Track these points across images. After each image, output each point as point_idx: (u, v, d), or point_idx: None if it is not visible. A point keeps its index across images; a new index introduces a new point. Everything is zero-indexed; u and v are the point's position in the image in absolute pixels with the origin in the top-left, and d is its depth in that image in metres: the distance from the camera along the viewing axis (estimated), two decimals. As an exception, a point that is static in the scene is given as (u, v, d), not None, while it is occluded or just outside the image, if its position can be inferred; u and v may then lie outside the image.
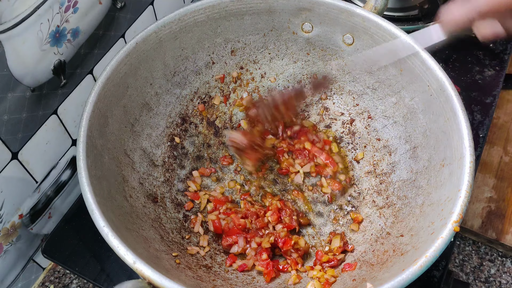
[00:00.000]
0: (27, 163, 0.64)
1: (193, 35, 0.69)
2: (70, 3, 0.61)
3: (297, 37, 0.72)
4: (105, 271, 0.66)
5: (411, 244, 0.53)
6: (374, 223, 0.64)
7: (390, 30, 0.63)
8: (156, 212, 0.63)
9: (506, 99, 0.95)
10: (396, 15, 0.93)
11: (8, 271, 0.68)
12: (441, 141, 0.58)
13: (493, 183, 0.84)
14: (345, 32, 0.68)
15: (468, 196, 0.50)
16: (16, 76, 0.57)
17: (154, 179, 0.67)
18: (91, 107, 0.57)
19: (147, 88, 0.67)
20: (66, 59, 0.65)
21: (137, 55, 0.64)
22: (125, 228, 0.54)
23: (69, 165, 0.74)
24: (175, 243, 0.61)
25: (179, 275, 0.54)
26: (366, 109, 0.72)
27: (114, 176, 0.60)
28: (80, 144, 0.54)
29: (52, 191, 0.72)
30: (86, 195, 0.50)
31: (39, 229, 0.72)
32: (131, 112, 0.65)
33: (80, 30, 0.65)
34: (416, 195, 0.60)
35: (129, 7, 0.74)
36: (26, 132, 0.62)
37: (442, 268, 0.65)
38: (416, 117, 0.64)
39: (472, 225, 0.80)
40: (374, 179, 0.68)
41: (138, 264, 0.46)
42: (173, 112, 0.72)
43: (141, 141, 0.67)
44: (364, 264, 0.58)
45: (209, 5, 0.67)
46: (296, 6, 0.68)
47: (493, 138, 0.90)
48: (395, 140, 0.68)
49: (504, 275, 0.77)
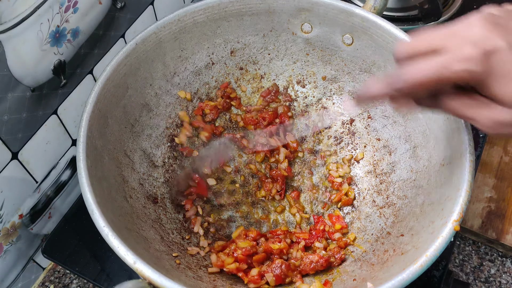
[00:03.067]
0: (27, 163, 0.64)
1: (193, 35, 0.69)
2: (70, 3, 0.61)
3: (297, 37, 0.72)
4: (105, 271, 0.66)
5: (411, 244, 0.53)
6: (374, 223, 0.64)
7: (390, 30, 0.63)
8: (156, 212, 0.63)
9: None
10: (395, 15, 0.93)
11: (8, 271, 0.68)
12: (441, 141, 0.59)
13: (493, 183, 0.84)
14: (344, 33, 0.68)
15: (468, 196, 0.50)
16: (16, 76, 0.57)
17: (154, 180, 0.67)
18: (91, 107, 0.57)
19: (147, 88, 0.67)
20: (66, 59, 0.65)
21: (137, 55, 0.64)
22: (125, 229, 0.54)
23: (69, 165, 0.74)
24: (175, 244, 0.61)
25: (179, 275, 0.54)
26: (366, 109, 0.72)
27: (114, 176, 0.60)
28: (80, 144, 0.54)
29: (52, 191, 0.72)
30: (86, 196, 0.50)
31: (39, 229, 0.72)
32: (131, 113, 0.65)
33: (80, 30, 0.65)
34: (416, 195, 0.60)
35: (129, 7, 0.74)
36: (26, 132, 0.62)
37: (442, 268, 0.65)
38: (416, 117, 0.64)
39: (472, 225, 0.80)
40: (374, 179, 0.69)
41: (139, 264, 0.46)
42: (173, 113, 0.72)
43: (141, 141, 0.67)
44: (365, 264, 0.58)
45: (209, 6, 0.68)
46: (295, 6, 0.68)
47: (493, 138, 0.90)
48: (395, 140, 0.68)
49: (504, 275, 0.77)
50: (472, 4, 0.96)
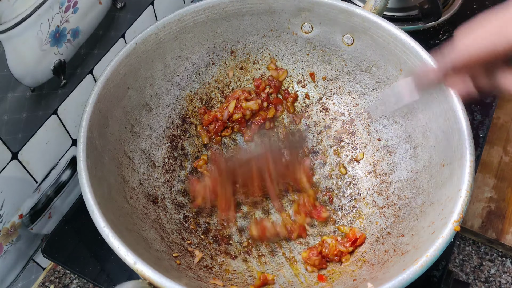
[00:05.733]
0: (27, 163, 0.64)
1: (193, 35, 0.69)
2: (70, 3, 0.61)
3: (297, 37, 0.72)
4: (105, 271, 0.66)
5: (411, 244, 0.53)
6: (375, 223, 0.64)
7: (390, 30, 0.63)
8: (156, 213, 0.63)
9: (506, 99, 0.95)
10: (396, 15, 0.93)
11: (8, 271, 0.68)
12: (441, 141, 0.59)
13: (493, 183, 0.84)
14: (345, 33, 0.68)
15: (468, 196, 0.50)
16: (16, 76, 0.57)
17: (154, 180, 0.66)
18: (91, 108, 0.57)
19: (147, 88, 0.67)
20: (66, 59, 0.65)
21: (137, 56, 0.64)
22: (126, 229, 0.53)
23: (69, 165, 0.74)
24: (175, 244, 0.61)
25: (179, 276, 0.54)
26: (366, 109, 0.72)
27: (114, 177, 0.60)
28: (80, 145, 0.54)
29: (52, 191, 0.72)
30: (86, 196, 0.50)
31: (39, 229, 0.72)
32: (131, 113, 0.65)
33: (80, 30, 0.65)
34: (416, 195, 0.60)
35: (129, 7, 0.74)
36: (26, 132, 0.62)
37: (442, 268, 0.65)
38: (416, 117, 0.64)
39: (472, 225, 0.80)
40: (374, 179, 0.68)
41: (139, 264, 0.46)
42: (173, 113, 0.72)
43: (141, 142, 0.67)
44: (365, 264, 0.58)
45: (209, 6, 0.67)
46: (296, 6, 0.68)
47: (493, 138, 0.90)
48: (395, 140, 0.68)
49: (504, 275, 0.77)
50: (472, 4, 0.96)
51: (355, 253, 0.61)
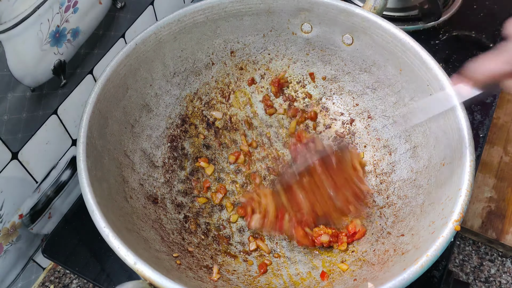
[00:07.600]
0: (27, 163, 0.64)
1: (193, 36, 0.69)
2: (70, 3, 0.61)
3: (297, 37, 0.72)
4: (105, 271, 0.66)
5: (411, 244, 0.53)
6: (375, 222, 0.64)
7: (390, 30, 0.63)
8: (156, 213, 0.63)
9: (506, 99, 0.95)
10: (396, 15, 0.93)
11: (8, 271, 0.68)
12: (441, 141, 0.59)
13: (493, 183, 0.84)
14: (344, 33, 0.68)
15: (468, 195, 0.50)
16: (16, 76, 0.57)
17: (154, 180, 0.67)
18: (91, 108, 0.57)
19: (147, 89, 0.67)
20: (66, 59, 0.65)
21: (137, 56, 0.64)
22: (126, 229, 0.53)
23: (69, 165, 0.74)
24: (175, 244, 0.61)
25: (180, 276, 0.54)
26: (366, 109, 0.72)
27: (114, 177, 0.60)
28: (80, 145, 0.54)
29: (52, 191, 0.72)
30: (86, 196, 0.50)
31: (39, 229, 0.72)
32: (131, 113, 0.65)
33: (80, 30, 0.65)
34: (416, 195, 0.60)
35: (129, 7, 0.74)
36: (26, 132, 0.62)
37: (442, 268, 0.65)
38: (416, 117, 0.64)
39: (472, 225, 0.80)
40: (374, 178, 0.69)
41: (139, 264, 0.46)
42: (173, 113, 0.72)
43: (141, 142, 0.67)
44: (365, 264, 0.58)
45: (209, 6, 0.67)
46: (295, 6, 0.68)
47: (493, 138, 0.90)
48: (395, 139, 0.68)
49: (504, 275, 0.77)
50: (472, 4, 0.96)
51: (355, 252, 0.61)
